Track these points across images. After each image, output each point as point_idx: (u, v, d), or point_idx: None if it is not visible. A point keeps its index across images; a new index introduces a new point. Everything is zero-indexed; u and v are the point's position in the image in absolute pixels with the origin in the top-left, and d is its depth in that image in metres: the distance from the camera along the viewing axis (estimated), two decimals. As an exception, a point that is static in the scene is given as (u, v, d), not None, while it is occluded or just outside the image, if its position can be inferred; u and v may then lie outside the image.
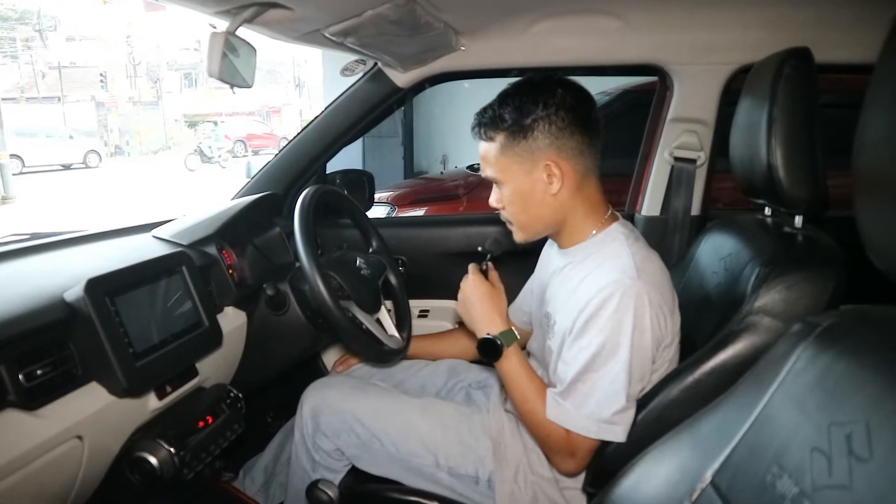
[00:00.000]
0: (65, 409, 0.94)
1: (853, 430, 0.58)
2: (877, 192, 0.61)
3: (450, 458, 1.30)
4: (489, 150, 1.20)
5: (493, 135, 1.18)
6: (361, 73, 1.73)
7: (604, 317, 1.09)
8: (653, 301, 1.10)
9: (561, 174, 1.16)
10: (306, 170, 1.80)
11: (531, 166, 1.17)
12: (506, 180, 1.20)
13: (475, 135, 1.23)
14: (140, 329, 1.06)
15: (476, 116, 1.22)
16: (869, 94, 0.62)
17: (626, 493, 0.88)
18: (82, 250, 1.32)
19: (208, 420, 1.21)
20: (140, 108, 27.99)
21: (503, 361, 1.23)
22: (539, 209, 1.21)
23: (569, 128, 1.15)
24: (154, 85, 29.90)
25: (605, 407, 1.10)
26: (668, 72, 1.70)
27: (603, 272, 1.13)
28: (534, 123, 1.15)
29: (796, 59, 1.12)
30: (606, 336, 1.09)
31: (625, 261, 1.13)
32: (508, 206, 1.23)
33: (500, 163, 1.19)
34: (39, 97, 26.90)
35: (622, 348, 1.09)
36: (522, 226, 1.25)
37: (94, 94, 27.19)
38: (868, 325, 0.69)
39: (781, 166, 1.11)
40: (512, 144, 1.17)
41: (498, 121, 1.17)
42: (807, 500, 0.59)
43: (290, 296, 1.44)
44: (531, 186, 1.19)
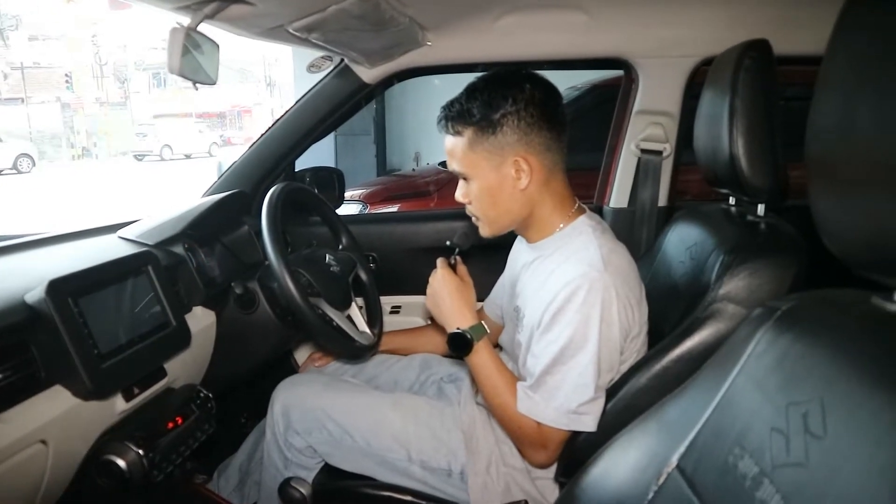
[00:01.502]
0: (27, 414, 0.92)
1: (809, 409, 0.59)
2: (829, 178, 0.62)
3: (422, 451, 1.31)
4: (456, 144, 1.19)
5: (460, 129, 1.18)
6: (328, 69, 1.72)
7: (571, 310, 1.10)
8: (620, 293, 1.11)
9: (529, 169, 1.17)
10: (274, 167, 1.79)
11: (499, 161, 1.17)
12: (473, 175, 1.20)
13: (441, 128, 1.22)
14: (105, 330, 1.04)
15: (443, 110, 1.21)
16: (819, 83, 0.63)
17: (595, 481, 0.89)
18: (45, 252, 1.30)
19: (178, 421, 1.20)
20: (108, 109, 27.50)
21: (473, 355, 1.23)
22: (507, 204, 1.21)
23: (537, 123, 1.16)
24: (122, 85, 29.41)
25: (575, 399, 1.11)
26: (633, 65, 1.72)
27: (570, 265, 1.14)
28: (503, 119, 1.15)
29: (756, 51, 1.14)
30: (574, 329, 1.10)
31: (592, 254, 1.14)
32: (476, 201, 1.23)
33: (467, 158, 1.19)
34: (1, 98, 26.29)
35: (590, 341, 1.10)
36: (490, 221, 1.25)
37: (60, 95, 26.65)
38: (825, 307, 0.71)
39: (743, 156, 1.12)
40: (480, 140, 1.16)
41: (466, 115, 1.16)
42: (766, 478, 0.60)
43: (259, 294, 1.43)
44: (499, 182, 1.19)
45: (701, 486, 0.71)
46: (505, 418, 1.20)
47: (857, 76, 0.58)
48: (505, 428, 1.23)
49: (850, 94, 0.59)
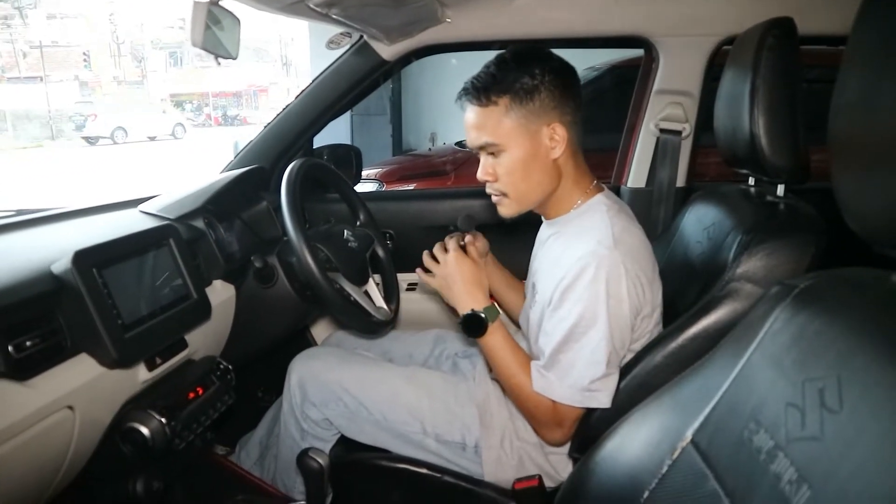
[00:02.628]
0: (55, 380, 0.95)
1: (825, 384, 0.60)
2: (851, 155, 0.62)
3: (437, 425, 1.32)
4: (489, 114, 1.16)
5: (495, 98, 1.15)
6: (347, 46, 1.72)
7: (581, 287, 1.10)
8: (629, 270, 1.11)
9: (562, 138, 1.17)
10: (293, 144, 1.80)
11: (535, 129, 1.16)
12: (508, 146, 1.17)
13: (468, 100, 1.18)
14: (128, 301, 1.07)
15: (471, 81, 1.18)
16: (844, 60, 0.63)
17: (609, 456, 0.90)
18: (69, 225, 1.32)
19: (198, 391, 1.22)
20: (125, 88, 27.62)
21: (487, 337, 1.23)
22: (539, 175, 1.19)
23: (567, 92, 1.16)
24: (139, 64, 29.51)
25: (588, 375, 1.12)
26: (654, 44, 1.70)
27: (581, 243, 1.14)
28: (540, 85, 1.14)
29: (779, 30, 1.13)
30: (584, 306, 1.10)
31: (603, 231, 1.14)
32: (506, 175, 1.19)
33: (503, 127, 1.16)
34: (21, 77, 26.47)
35: (600, 317, 1.10)
36: (519, 196, 1.22)
37: (78, 73, 26.79)
38: (842, 285, 0.71)
39: (764, 136, 1.12)
40: (518, 106, 1.14)
41: (503, 82, 1.14)
42: (781, 452, 0.61)
43: (278, 269, 1.44)
44: (534, 151, 1.17)
45: (715, 459, 0.72)
46: (521, 398, 1.21)
47: (883, 54, 0.58)
48: (520, 408, 1.24)
49: (875, 72, 0.59)
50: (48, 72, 26.19)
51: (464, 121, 1.21)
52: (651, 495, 0.78)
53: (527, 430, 1.29)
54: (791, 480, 0.57)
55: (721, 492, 0.68)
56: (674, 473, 0.77)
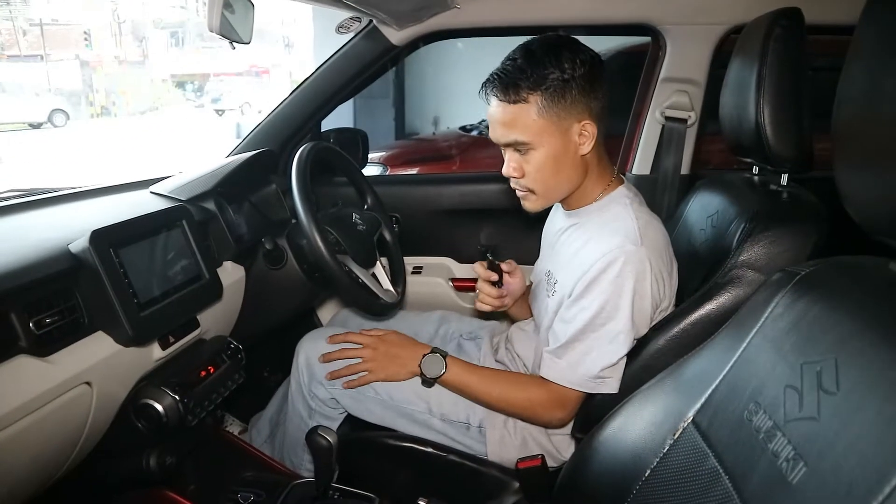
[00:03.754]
0: (74, 356, 0.97)
1: (823, 367, 0.62)
2: (854, 145, 0.64)
3: (442, 405, 1.35)
4: (521, 112, 1.13)
5: (527, 95, 1.12)
6: (356, 30, 1.73)
7: (606, 280, 1.12)
8: (654, 267, 1.13)
9: (590, 134, 1.16)
10: (301, 127, 1.81)
11: (567, 126, 1.15)
12: (540, 143, 1.15)
13: (497, 95, 1.15)
14: (143, 280, 1.09)
15: (498, 74, 1.15)
16: (850, 51, 0.65)
17: (612, 435, 0.93)
18: (83, 205, 1.34)
19: (210, 370, 1.24)
20: (126, 68, 27.46)
21: (448, 375, 1.30)
22: (568, 171, 1.19)
23: (597, 85, 1.15)
24: (140, 44, 29.30)
25: (600, 364, 1.15)
26: (661, 31, 1.71)
27: (606, 236, 1.15)
28: (572, 81, 1.12)
29: (787, 20, 1.14)
30: (607, 298, 1.12)
31: (629, 225, 1.15)
32: (536, 171, 1.18)
33: (536, 125, 1.13)
34: (21, 55, 26.29)
35: (622, 311, 1.12)
36: (546, 191, 1.22)
37: (79, 52, 26.60)
38: (842, 272, 0.74)
39: (769, 125, 1.13)
40: (551, 104, 1.12)
41: (534, 78, 1.11)
42: (779, 431, 0.63)
43: (287, 251, 1.46)
44: (565, 147, 1.16)
45: (715, 439, 0.74)
46: (511, 401, 1.26)
47: (887, 49, 0.59)
48: (514, 409, 1.28)
49: (880, 65, 0.60)
50: (48, 50, 26.01)
51: (488, 115, 1.18)
52: (653, 473, 0.81)
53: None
54: (788, 458, 0.60)
55: (720, 469, 0.70)
56: (675, 452, 0.80)
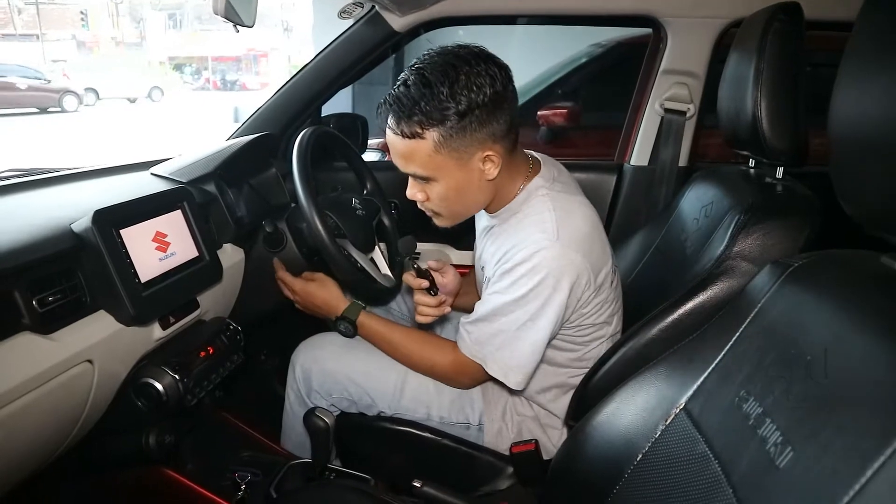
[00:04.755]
0: (76, 335, 0.99)
1: (813, 355, 0.64)
2: (850, 143, 0.65)
3: (441, 409, 1.34)
4: (416, 148, 1.08)
5: (422, 131, 1.06)
6: (358, 16, 1.73)
7: (518, 272, 1.13)
8: (573, 261, 1.12)
9: (497, 159, 1.12)
10: (301, 112, 1.81)
11: (468, 158, 1.10)
12: (440, 177, 1.12)
13: (390, 129, 1.10)
14: (144, 261, 1.10)
15: (391, 106, 1.08)
16: (848, 47, 0.66)
17: (605, 420, 0.94)
18: (84, 185, 1.35)
19: (209, 351, 1.26)
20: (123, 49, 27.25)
21: (361, 329, 1.36)
22: (475, 195, 1.18)
23: (500, 106, 1.08)
24: (137, 25, 29.08)
25: (506, 352, 1.18)
26: (662, 24, 1.72)
27: (524, 232, 1.15)
28: (469, 114, 1.05)
29: (786, 14, 1.15)
30: (523, 290, 1.13)
31: (544, 218, 1.14)
32: (439, 200, 1.17)
33: (432, 161, 1.09)
34: (16, 34, 26.06)
35: (531, 303, 1.13)
36: (454, 215, 1.22)
37: (75, 32, 26.38)
38: (833, 265, 0.75)
39: (766, 118, 1.14)
40: (448, 139, 1.07)
41: (428, 115, 1.04)
42: (768, 418, 0.65)
43: (287, 234, 1.47)
44: (467, 178, 1.13)
45: (706, 425, 0.76)
46: (418, 361, 1.32)
47: (886, 44, 0.61)
48: (420, 368, 1.33)
49: (877, 62, 0.62)
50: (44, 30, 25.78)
51: (386, 138, 1.13)
52: (644, 458, 0.83)
53: (524, 405, 1.34)
54: (776, 443, 0.62)
55: (710, 454, 0.72)
56: (666, 438, 0.81)
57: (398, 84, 1.09)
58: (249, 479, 1.33)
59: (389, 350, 1.34)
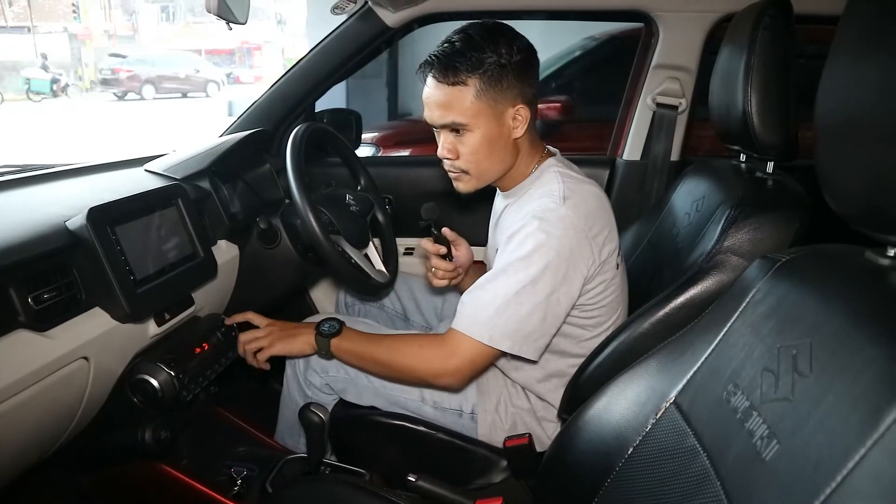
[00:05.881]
0: (72, 332, 0.99)
1: (798, 350, 0.65)
2: (834, 137, 0.66)
3: (434, 393, 1.35)
4: (459, 95, 1.16)
5: (465, 78, 1.15)
6: (351, 12, 1.73)
7: (522, 234, 1.15)
8: (577, 226, 1.15)
9: (523, 117, 1.20)
10: (295, 108, 1.82)
11: (502, 109, 1.18)
12: (475, 126, 1.18)
13: (436, 77, 1.18)
14: (139, 258, 1.10)
15: (437, 57, 1.18)
16: (834, 42, 0.67)
17: (597, 414, 0.95)
18: (78, 182, 1.35)
19: (204, 347, 1.27)
20: (115, 42, 27.06)
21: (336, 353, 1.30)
22: (502, 153, 1.23)
23: (531, 72, 1.20)
24: (130, 18, 28.88)
25: (502, 318, 1.14)
26: (654, 18, 1.73)
27: (534, 202, 1.19)
28: (508, 66, 1.15)
29: (775, 9, 1.16)
30: (524, 251, 1.14)
31: (553, 188, 1.19)
32: (470, 153, 1.21)
33: (473, 108, 1.17)
34: (7, 26, 25.82)
35: (534, 266, 1.13)
36: (480, 173, 1.25)
37: (67, 25, 26.16)
38: (820, 260, 0.76)
39: (756, 113, 1.15)
40: (488, 88, 1.16)
41: (476, 63, 1.14)
42: (755, 411, 0.66)
43: (281, 230, 1.48)
44: (499, 130, 1.20)
45: (695, 418, 0.77)
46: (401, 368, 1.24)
47: (869, 41, 0.62)
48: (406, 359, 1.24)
49: (860, 58, 0.63)
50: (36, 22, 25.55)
51: (425, 96, 1.21)
52: (635, 451, 0.84)
53: (519, 397, 1.34)
54: (763, 437, 0.63)
55: (699, 448, 0.73)
56: (657, 431, 0.83)
57: (442, 43, 1.19)
58: (245, 474, 1.34)
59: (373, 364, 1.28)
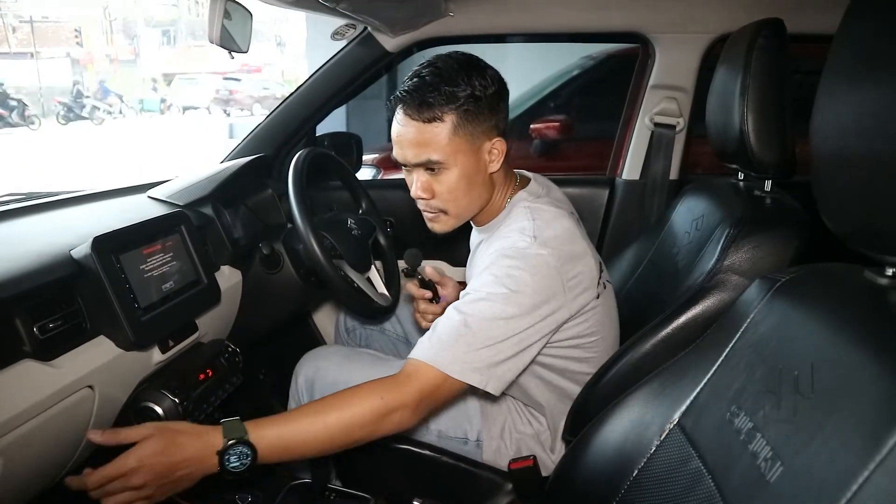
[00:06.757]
0: (77, 360, 0.99)
1: (800, 371, 0.65)
2: (830, 158, 0.67)
3: (440, 422, 1.34)
4: (435, 132, 1.12)
5: (441, 113, 1.11)
6: (351, 37, 1.75)
7: (493, 269, 1.10)
8: (549, 263, 1.10)
9: (500, 150, 1.18)
10: (296, 132, 1.84)
11: (479, 144, 1.15)
12: (453, 164, 1.14)
13: (410, 114, 1.12)
14: (143, 285, 1.11)
15: (408, 94, 1.12)
16: (826, 68, 0.68)
17: (601, 436, 0.96)
18: (82, 209, 1.36)
19: (208, 373, 1.27)
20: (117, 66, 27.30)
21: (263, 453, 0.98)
22: (480, 189, 1.20)
23: (502, 101, 1.17)
24: (131, 42, 29.16)
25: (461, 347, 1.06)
26: (650, 40, 1.75)
27: (503, 239, 1.16)
28: (483, 99, 1.12)
29: (769, 30, 1.17)
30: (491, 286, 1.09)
31: (523, 225, 1.15)
32: (448, 192, 1.18)
33: (450, 145, 1.13)
34: (11, 52, 26.06)
35: (498, 298, 1.07)
36: (459, 212, 1.22)
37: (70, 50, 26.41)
38: (819, 279, 0.77)
39: (753, 133, 1.16)
40: (465, 122, 1.12)
41: (451, 97, 1.10)
42: (759, 433, 0.67)
43: (283, 255, 1.49)
44: (477, 166, 1.17)
45: (699, 440, 0.78)
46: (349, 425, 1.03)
47: (863, 64, 0.63)
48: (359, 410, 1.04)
49: (854, 81, 0.64)
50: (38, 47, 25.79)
51: (397, 134, 1.16)
52: (640, 474, 0.84)
53: (523, 423, 1.33)
54: (766, 458, 0.63)
55: (703, 469, 0.74)
56: (661, 453, 0.83)
57: (410, 78, 1.14)
58: (250, 500, 1.33)
59: (311, 445, 1.03)
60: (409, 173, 1.20)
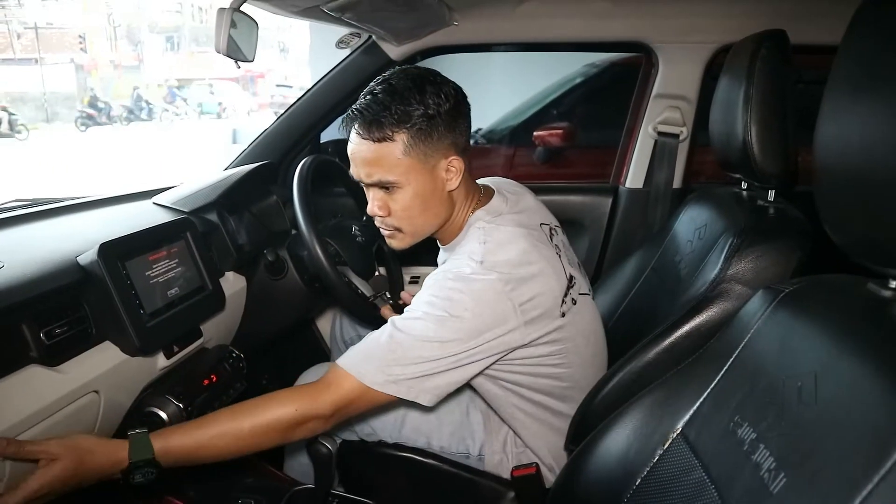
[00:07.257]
0: (82, 366, 1.01)
1: (803, 382, 0.66)
2: (834, 171, 0.68)
3: (442, 439, 1.34)
4: (385, 151, 1.09)
5: (391, 133, 1.08)
6: (355, 46, 1.76)
7: (433, 290, 1.09)
8: (495, 288, 1.07)
9: (457, 169, 1.15)
10: (301, 139, 1.85)
11: (434, 163, 1.13)
12: (407, 183, 1.12)
13: (360, 133, 1.10)
14: (149, 291, 1.12)
15: (360, 114, 1.10)
16: (830, 80, 0.69)
17: (604, 445, 0.96)
18: (88, 216, 1.37)
19: (213, 378, 1.27)
20: (121, 72, 27.41)
21: (165, 458, 0.98)
22: (436, 208, 1.17)
23: (460, 117, 1.14)
24: (135, 48, 29.27)
25: (386, 360, 1.05)
26: (654, 49, 1.76)
27: (453, 261, 1.14)
28: (437, 117, 1.10)
29: (772, 41, 1.18)
30: (431, 308, 1.07)
31: (473, 247, 1.12)
32: (402, 210, 1.16)
33: (402, 164, 1.10)
34: (15, 58, 26.17)
35: (431, 318, 1.05)
36: (414, 230, 1.20)
37: (74, 56, 26.52)
38: (823, 290, 0.77)
39: (756, 143, 1.17)
40: (417, 142, 1.10)
41: (403, 117, 1.08)
42: (762, 443, 0.67)
43: (288, 261, 1.49)
44: (433, 185, 1.14)
45: (702, 450, 0.78)
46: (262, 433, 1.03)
47: (867, 76, 0.63)
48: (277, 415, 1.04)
49: (858, 94, 0.64)
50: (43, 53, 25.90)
51: (351, 152, 1.15)
52: (642, 483, 0.84)
53: (526, 436, 1.32)
54: (770, 469, 0.63)
55: (707, 480, 0.74)
56: (664, 462, 0.83)
57: (364, 95, 1.12)
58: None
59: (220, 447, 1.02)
60: (367, 190, 1.19)
